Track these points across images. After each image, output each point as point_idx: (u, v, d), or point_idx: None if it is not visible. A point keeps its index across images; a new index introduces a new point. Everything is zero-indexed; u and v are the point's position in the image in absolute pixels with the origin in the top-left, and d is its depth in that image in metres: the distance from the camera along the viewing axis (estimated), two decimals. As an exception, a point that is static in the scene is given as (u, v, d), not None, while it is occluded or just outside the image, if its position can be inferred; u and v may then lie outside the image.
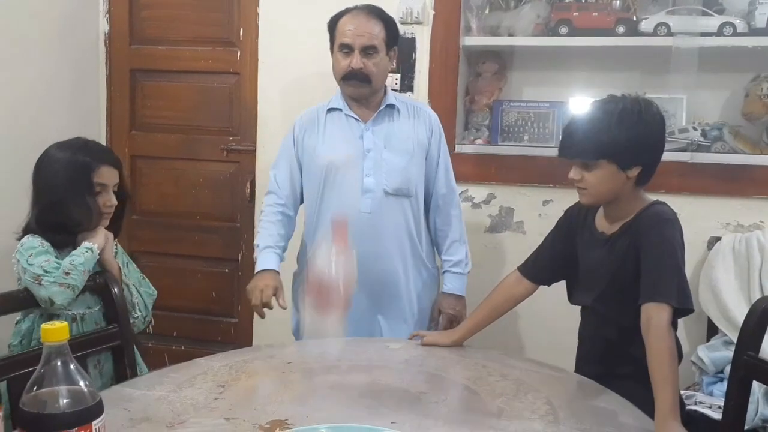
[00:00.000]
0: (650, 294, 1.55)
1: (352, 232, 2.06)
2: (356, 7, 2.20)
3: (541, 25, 2.87)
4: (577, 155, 1.65)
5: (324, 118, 2.27)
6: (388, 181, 2.19)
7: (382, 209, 2.19)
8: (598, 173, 1.63)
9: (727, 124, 2.75)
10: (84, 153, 1.93)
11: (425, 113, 2.31)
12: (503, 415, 1.41)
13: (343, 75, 2.17)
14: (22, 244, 1.86)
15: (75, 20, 3.14)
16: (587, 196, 1.69)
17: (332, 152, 2.22)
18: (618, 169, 1.61)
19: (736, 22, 2.63)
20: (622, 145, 1.59)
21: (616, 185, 1.64)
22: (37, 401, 0.93)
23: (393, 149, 2.21)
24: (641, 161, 1.62)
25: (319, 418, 1.35)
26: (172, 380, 1.57)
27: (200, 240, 3.25)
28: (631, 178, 1.63)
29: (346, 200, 2.18)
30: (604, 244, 1.71)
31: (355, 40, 2.13)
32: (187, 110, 3.25)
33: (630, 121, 1.59)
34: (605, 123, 1.60)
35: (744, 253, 2.52)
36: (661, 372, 1.48)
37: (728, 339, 2.39)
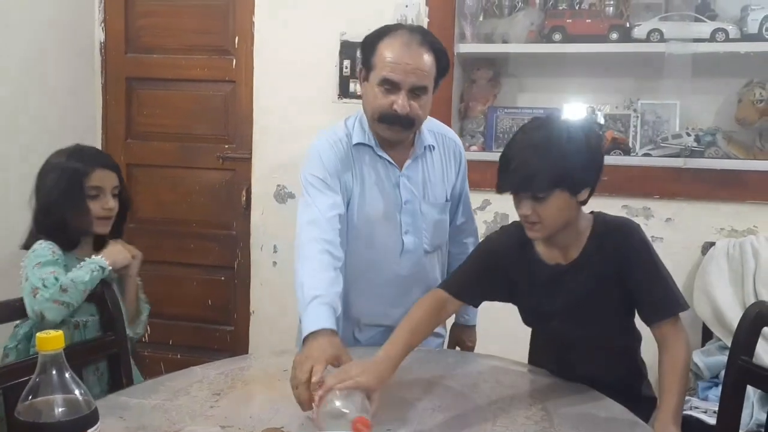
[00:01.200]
0: (661, 313, 1.54)
1: (384, 292, 1.87)
2: (404, 29, 1.78)
3: (535, 32, 2.88)
4: (529, 189, 1.50)
5: (352, 155, 1.85)
6: (429, 239, 1.91)
7: (420, 269, 1.91)
8: (552, 204, 1.50)
9: (721, 130, 2.77)
10: (77, 158, 1.94)
11: (453, 145, 1.99)
12: (498, 421, 1.41)
13: (381, 116, 1.76)
14: (34, 250, 1.87)
15: (71, 29, 3.15)
16: (542, 230, 1.54)
17: (368, 201, 1.85)
18: (570, 196, 1.52)
19: (728, 28, 2.65)
20: (575, 171, 1.51)
21: (570, 213, 1.55)
22: (33, 410, 0.94)
23: (430, 201, 1.91)
24: (589, 183, 1.55)
25: (315, 427, 1.35)
26: (168, 388, 1.56)
27: (196, 248, 3.26)
28: (580, 201, 1.56)
29: (381, 260, 1.87)
30: (563, 275, 1.61)
31: (405, 78, 1.72)
32: (182, 118, 3.26)
33: (579, 145, 1.51)
34: (557, 151, 1.49)
35: (738, 258, 2.53)
36: (672, 378, 1.49)
37: (723, 344, 2.40)
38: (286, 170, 3.07)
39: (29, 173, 2.90)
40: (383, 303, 1.91)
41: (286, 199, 3.09)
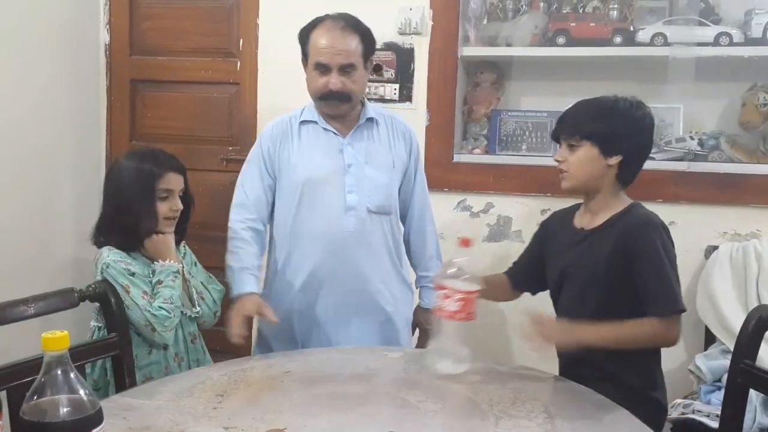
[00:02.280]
0: (653, 309, 1.64)
1: (334, 251, 2.08)
2: (329, 18, 2.06)
3: (539, 35, 2.88)
4: (565, 134, 1.74)
5: (297, 130, 2.15)
6: (371, 199, 2.11)
7: (365, 227, 2.10)
8: (580, 154, 1.70)
9: (724, 134, 2.77)
10: (150, 161, 2.02)
11: (402, 127, 2.22)
12: (501, 423, 1.42)
13: (320, 95, 2.06)
14: (108, 266, 1.91)
15: (76, 31, 3.16)
16: (568, 179, 1.75)
17: (310, 167, 2.10)
18: (599, 154, 1.69)
19: (732, 32, 2.65)
20: (607, 130, 1.69)
21: (595, 170, 1.71)
22: (38, 410, 0.94)
23: (374, 165, 2.12)
24: (622, 152, 1.70)
25: (318, 427, 1.36)
26: (171, 389, 1.57)
27: (199, 249, 3.22)
28: (612, 167, 1.70)
29: (327, 218, 2.09)
30: (583, 240, 1.76)
31: (331, 59, 2.01)
32: (186, 120, 3.27)
33: (620, 111, 1.71)
34: (596, 109, 1.73)
35: (741, 262, 2.52)
36: (624, 326, 1.62)
37: (726, 348, 2.40)
38: (289, 172, 3.07)
39: (33, 174, 2.94)
40: (333, 258, 2.09)
41: (290, 201, 3.09)
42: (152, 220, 2.00)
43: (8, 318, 1.62)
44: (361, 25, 2.07)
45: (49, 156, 3.03)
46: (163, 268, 1.98)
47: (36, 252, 2.94)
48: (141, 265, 1.99)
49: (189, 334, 2.09)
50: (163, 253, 2.01)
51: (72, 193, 3.12)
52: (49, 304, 1.71)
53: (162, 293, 1.94)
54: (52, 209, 3.01)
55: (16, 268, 2.81)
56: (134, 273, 1.94)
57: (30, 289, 1.83)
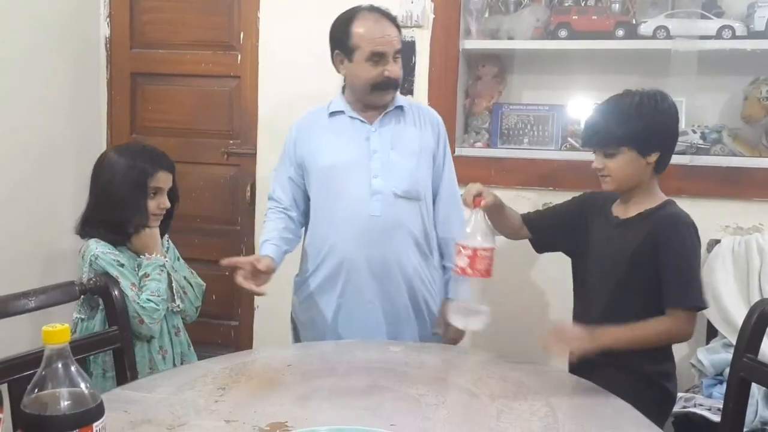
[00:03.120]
0: (670, 301, 1.68)
1: (362, 236, 2.09)
2: (365, 9, 2.10)
3: (541, 28, 2.87)
4: (600, 144, 1.77)
5: (325, 122, 2.18)
6: (397, 183, 2.10)
7: (392, 212, 2.09)
8: (619, 160, 1.74)
9: (726, 127, 2.76)
10: (143, 159, 2.04)
11: (431, 116, 2.24)
12: (502, 416, 1.42)
13: (376, 84, 2.07)
14: (96, 257, 1.93)
15: (76, 24, 3.15)
16: (611, 183, 1.78)
17: (335, 154, 2.13)
18: (638, 155, 1.73)
19: (735, 26, 2.64)
20: (640, 132, 1.72)
21: (637, 171, 1.75)
22: (39, 403, 0.94)
23: (400, 151, 2.13)
24: (659, 147, 1.74)
25: (319, 421, 1.36)
26: (173, 383, 1.57)
27: (200, 243, 3.25)
28: (651, 164, 1.74)
29: (353, 203, 2.10)
30: (617, 227, 1.81)
31: (389, 47, 2.05)
32: (187, 114, 3.26)
33: (647, 110, 1.74)
34: (625, 113, 1.74)
35: (743, 256, 2.52)
36: (640, 326, 1.66)
37: (728, 341, 2.40)
38: (290, 166, 3.07)
39: (34, 167, 2.93)
40: (362, 244, 2.09)
41: (291, 194, 3.09)
42: (142, 216, 2.02)
43: (9, 311, 1.62)
44: (389, 11, 2.13)
45: (50, 150, 3.02)
46: (150, 261, 2.00)
47: (37, 245, 2.94)
48: (128, 258, 2.01)
49: (173, 327, 2.10)
50: (150, 247, 2.03)
51: (72, 187, 3.11)
52: (49, 297, 1.71)
53: (149, 286, 1.96)
54: (52, 202, 3.01)
55: (16, 261, 2.81)
56: (123, 264, 1.95)
57: (31, 282, 1.83)
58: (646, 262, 1.72)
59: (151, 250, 2.02)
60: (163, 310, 1.98)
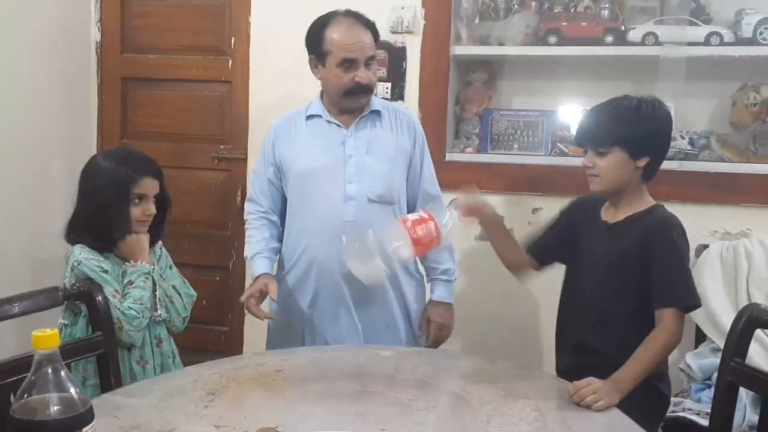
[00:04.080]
0: (664, 301, 1.69)
1: (335, 241, 2.06)
2: (340, 14, 2.10)
3: (531, 34, 2.89)
4: (592, 143, 1.78)
5: (303, 125, 2.19)
6: (371, 188, 2.11)
7: (366, 217, 2.09)
8: (609, 160, 1.74)
9: (715, 133, 2.78)
10: (127, 164, 1.99)
11: (407, 118, 2.24)
12: (492, 421, 1.42)
13: (347, 90, 2.08)
14: (80, 263, 1.91)
15: (66, 29, 3.15)
16: (598, 183, 1.78)
17: (311, 159, 2.14)
18: (629, 158, 1.73)
19: (723, 32, 2.66)
20: (635, 134, 1.72)
21: (625, 173, 1.75)
22: (28, 408, 0.94)
23: (375, 155, 2.14)
24: (650, 153, 1.75)
25: (309, 425, 1.36)
26: (163, 388, 1.57)
27: (191, 248, 3.25)
28: (640, 168, 1.75)
29: (327, 208, 2.11)
30: (606, 232, 1.81)
31: (360, 53, 2.05)
32: (178, 118, 3.26)
33: (645, 114, 1.75)
34: (622, 115, 1.75)
35: (731, 261, 2.54)
36: (642, 352, 1.63)
37: (716, 346, 2.41)
38: (281, 171, 3.07)
39: (24, 172, 2.92)
40: (335, 249, 2.07)
41: (282, 199, 3.09)
42: (125, 223, 1.97)
43: (-8, 317, 1.60)
44: (368, 18, 2.12)
45: (40, 154, 3.02)
46: (135, 269, 1.96)
47: (26, 250, 2.92)
48: (112, 265, 1.97)
49: (155, 338, 2.05)
50: (136, 254, 1.99)
51: (62, 192, 3.09)
52: (33, 303, 1.69)
53: (132, 293, 1.91)
54: (42, 207, 3.00)
55: (4, 266, 2.79)
56: (107, 270, 1.92)
57: (20, 287, 1.82)
58: (636, 265, 1.73)
59: (136, 256, 1.98)
60: (146, 319, 1.93)
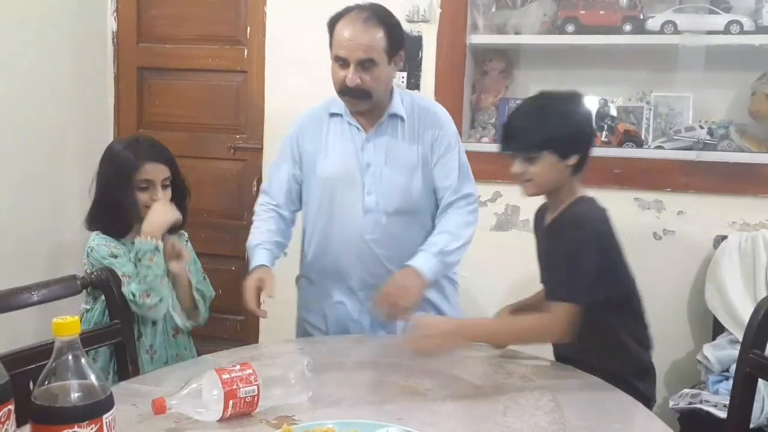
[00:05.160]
0: (552, 293, 1.71)
1: (356, 253, 2.03)
2: (357, 8, 1.95)
3: (548, 23, 2.87)
4: (521, 149, 1.73)
5: (326, 124, 2.08)
6: (389, 201, 2.01)
7: (387, 230, 2.01)
8: (541, 164, 1.71)
9: (734, 123, 2.75)
10: (131, 151, 1.99)
11: (433, 120, 2.05)
12: (509, 411, 1.42)
13: (339, 89, 1.96)
14: (92, 249, 1.93)
15: (83, 19, 3.16)
16: (531, 187, 1.76)
17: (332, 164, 2.04)
18: (558, 159, 1.70)
19: (743, 20, 2.63)
20: (560, 135, 1.69)
21: (558, 174, 1.73)
22: (49, 394, 0.94)
23: (394, 165, 2.01)
24: (579, 149, 1.72)
25: (326, 414, 1.36)
26: (180, 376, 1.57)
27: (207, 238, 3.26)
28: (570, 167, 1.72)
29: (348, 221, 2.03)
30: (545, 234, 1.83)
31: (350, 53, 1.89)
32: (194, 108, 3.27)
33: (565, 112, 1.73)
34: (544, 116, 1.71)
35: (750, 252, 2.52)
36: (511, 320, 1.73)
37: (734, 338, 2.39)
38: (297, 161, 3.08)
39: (42, 162, 2.94)
40: (356, 260, 2.04)
41: (297, 189, 3.09)
42: (133, 209, 1.96)
43: (12, 305, 1.62)
44: (389, 18, 1.95)
45: (57, 144, 3.04)
46: (141, 243, 1.91)
47: (44, 239, 2.95)
48: (126, 250, 1.96)
49: (171, 329, 2.04)
50: (150, 222, 1.93)
51: (80, 181, 3.11)
52: (51, 292, 1.70)
53: (139, 274, 1.89)
54: (60, 197, 3.02)
55: (23, 255, 2.82)
56: (117, 255, 1.92)
57: (38, 275, 1.84)
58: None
59: (146, 228, 1.92)
60: (155, 298, 1.89)
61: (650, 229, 2.71)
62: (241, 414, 1.35)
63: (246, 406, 1.35)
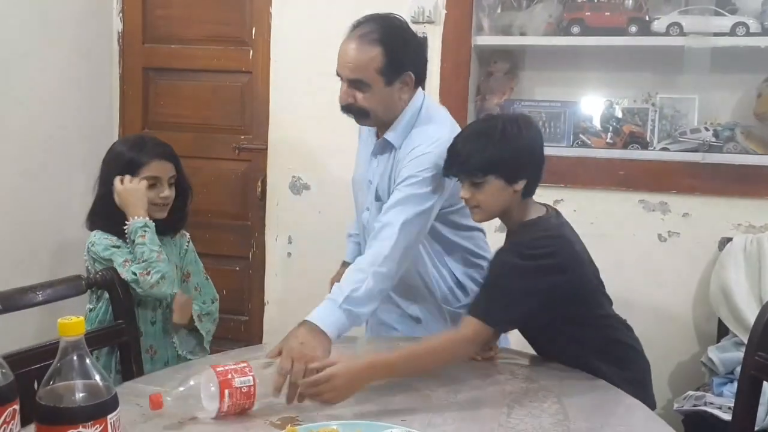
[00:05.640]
0: (471, 308, 1.64)
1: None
2: (364, 22, 1.83)
3: (553, 24, 2.86)
4: (465, 173, 1.67)
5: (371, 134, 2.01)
6: (370, 224, 1.92)
7: None
8: (487, 189, 1.65)
9: (739, 125, 2.74)
10: (137, 149, 2.00)
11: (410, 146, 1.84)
12: (513, 413, 1.42)
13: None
14: (93, 244, 1.94)
15: (88, 19, 3.16)
16: (480, 213, 1.70)
17: (356, 170, 2.06)
18: (505, 184, 1.64)
19: (749, 22, 2.62)
20: (506, 160, 1.64)
21: (505, 199, 1.67)
22: (54, 395, 0.95)
23: (380, 190, 1.92)
24: (526, 174, 1.66)
25: (330, 415, 1.36)
26: (184, 376, 1.57)
27: (211, 238, 3.27)
28: (518, 191, 1.66)
29: (359, 227, 2.07)
30: (497, 256, 1.74)
31: (341, 71, 1.82)
32: (199, 109, 3.27)
33: (512, 136, 1.65)
34: (489, 140, 1.64)
35: (755, 254, 2.51)
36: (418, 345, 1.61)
37: (739, 340, 2.39)
38: (301, 161, 3.08)
39: (46, 162, 2.95)
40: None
41: (302, 190, 3.10)
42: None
43: (17, 305, 1.62)
44: (393, 36, 1.80)
45: (62, 144, 3.04)
46: (131, 226, 1.91)
47: (48, 239, 2.95)
48: (126, 246, 1.95)
49: (171, 328, 2.04)
50: (130, 205, 1.93)
51: (84, 181, 3.11)
52: (56, 292, 1.71)
53: (135, 254, 1.90)
54: (64, 197, 3.02)
55: (27, 252, 2.83)
56: (118, 246, 1.92)
57: (41, 273, 1.84)
58: None
59: (131, 208, 1.93)
60: (155, 272, 1.87)
61: (655, 231, 2.71)
62: (240, 408, 1.36)
63: (243, 398, 1.36)
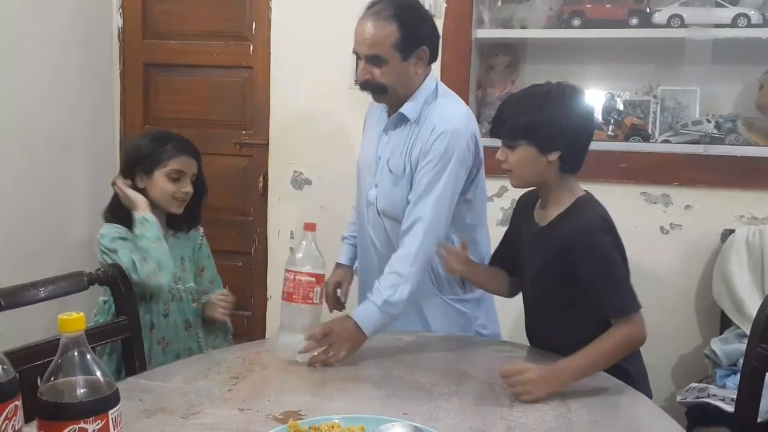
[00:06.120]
0: (613, 313, 1.57)
1: (363, 243, 2.08)
2: (372, 5, 1.89)
3: (554, 17, 2.86)
4: (501, 134, 1.66)
5: (377, 109, 2.06)
6: (381, 200, 1.98)
7: (378, 227, 2.00)
8: (519, 154, 1.63)
9: (741, 116, 2.74)
10: (161, 143, 2.01)
11: (430, 133, 1.87)
12: (515, 406, 1.42)
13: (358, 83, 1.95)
14: (102, 236, 1.94)
15: (88, 15, 3.16)
16: (513, 178, 1.69)
17: (362, 151, 2.09)
18: (538, 152, 1.61)
19: (750, 14, 2.61)
20: (540, 126, 1.60)
21: (537, 169, 1.63)
22: (55, 391, 0.95)
23: (390, 165, 1.95)
24: (560, 146, 1.60)
25: (332, 409, 1.36)
26: (187, 372, 1.58)
27: (213, 233, 3.22)
28: (552, 163, 1.62)
29: (361, 209, 2.07)
30: (536, 236, 1.71)
31: (359, 48, 1.88)
32: (199, 104, 3.27)
33: (551, 104, 1.61)
34: (528, 105, 1.63)
35: (758, 246, 2.51)
36: (594, 346, 1.53)
37: (741, 332, 2.39)
38: (303, 156, 3.08)
39: (48, 158, 2.95)
40: (363, 251, 2.10)
41: (303, 185, 3.10)
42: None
43: (20, 301, 1.62)
44: (407, 12, 1.87)
45: (63, 140, 3.04)
46: (135, 219, 1.95)
47: (51, 235, 2.96)
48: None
49: (183, 321, 2.05)
50: (131, 204, 1.97)
51: (86, 177, 3.13)
52: (59, 288, 1.71)
53: (137, 243, 1.91)
54: (66, 193, 3.03)
55: (31, 251, 2.83)
56: (125, 238, 1.92)
57: (46, 271, 1.84)
58: (560, 273, 1.63)
59: (133, 206, 1.96)
60: (152, 261, 1.89)
61: (657, 224, 2.71)
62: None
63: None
